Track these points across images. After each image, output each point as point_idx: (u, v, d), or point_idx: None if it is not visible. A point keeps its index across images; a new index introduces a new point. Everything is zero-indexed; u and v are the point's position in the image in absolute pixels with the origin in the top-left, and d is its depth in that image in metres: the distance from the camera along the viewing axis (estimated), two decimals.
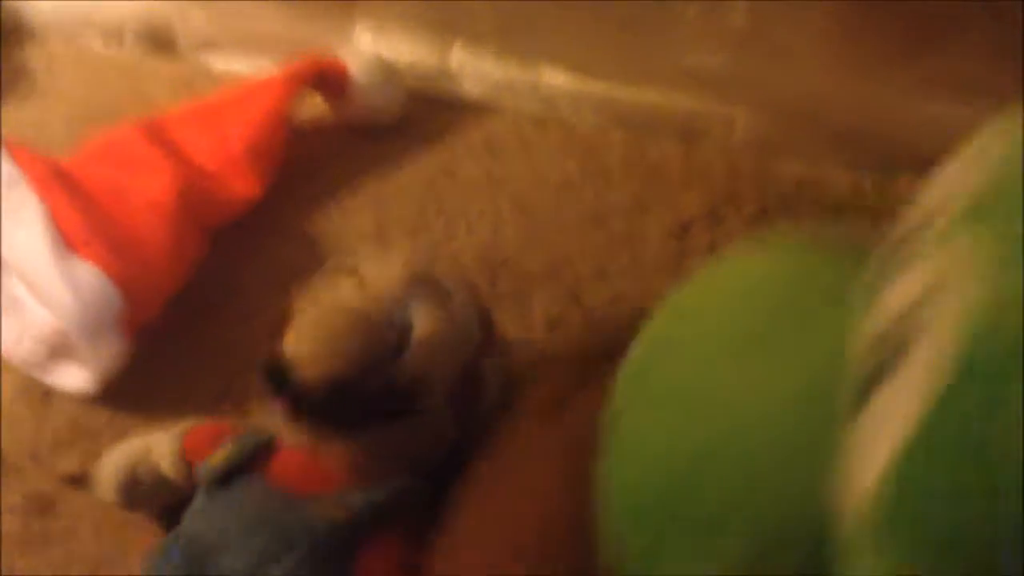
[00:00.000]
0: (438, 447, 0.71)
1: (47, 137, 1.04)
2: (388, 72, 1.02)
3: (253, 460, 0.70)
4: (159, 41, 1.14)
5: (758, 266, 0.62)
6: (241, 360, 0.87)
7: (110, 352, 0.83)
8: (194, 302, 0.91)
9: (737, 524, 0.51)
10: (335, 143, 1.03)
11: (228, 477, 0.70)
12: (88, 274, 0.83)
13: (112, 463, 0.76)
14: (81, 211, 0.87)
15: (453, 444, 0.71)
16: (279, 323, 0.71)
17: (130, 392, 0.86)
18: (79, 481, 0.80)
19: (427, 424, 0.69)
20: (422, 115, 1.05)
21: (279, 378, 0.68)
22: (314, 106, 1.04)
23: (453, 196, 0.99)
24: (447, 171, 1.01)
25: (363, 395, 0.67)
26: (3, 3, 1.17)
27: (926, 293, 0.44)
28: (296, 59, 1.02)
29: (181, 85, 1.10)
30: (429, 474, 0.70)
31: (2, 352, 0.87)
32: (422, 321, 0.69)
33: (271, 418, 0.72)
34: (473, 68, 1.05)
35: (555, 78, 1.03)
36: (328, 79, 1.01)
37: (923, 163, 0.94)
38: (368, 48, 1.06)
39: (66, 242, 0.85)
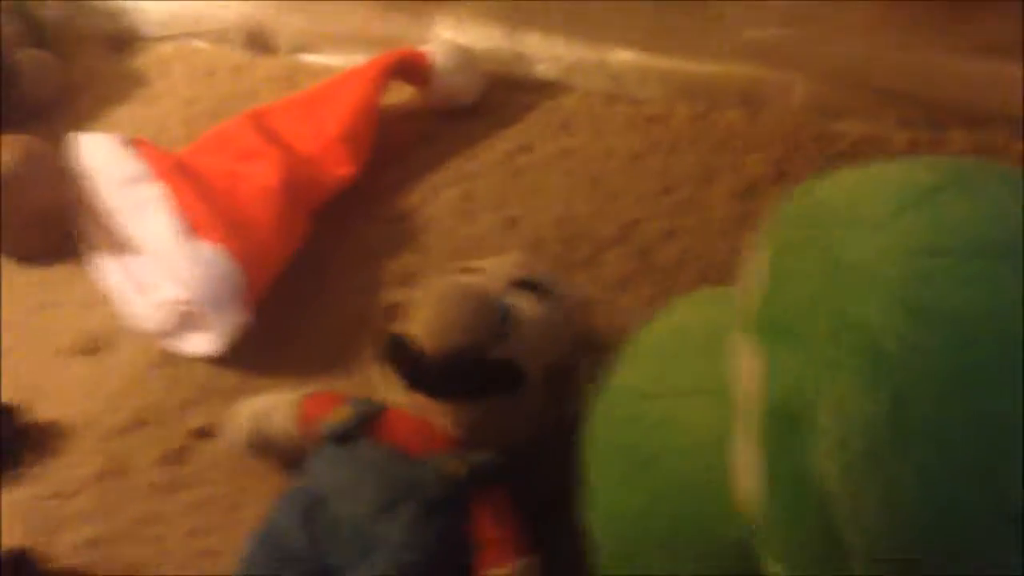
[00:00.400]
0: (532, 427, 0.78)
1: (165, 133, 1.16)
2: (466, 57, 1.11)
3: (368, 422, 0.78)
4: (260, 42, 1.25)
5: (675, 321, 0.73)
6: (348, 330, 0.97)
7: (233, 320, 0.93)
8: (304, 278, 1.00)
9: (682, 547, 0.63)
10: (421, 127, 1.13)
11: (345, 436, 0.78)
12: (211, 253, 0.93)
13: (240, 418, 0.87)
14: (201, 198, 0.98)
15: (545, 428, 0.78)
16: (396, 304, 0.81)
17: (252, 358, 0.95)
18: (207, 434, 0.91)
19: (524, 404, 0.76)
20: (500, 97, 1.13)
21: (401, 350, 0.77)
22: (402, 93, 1.14)
23: (531, 171, 1.07)
24: (525, 148, 1.09)
25: (473, 369, 0.75)
26: (117, 13, 1.29)
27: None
28: (383, 52, 1.12)
29: (282, 80, 1.21)
30: (519, 453, 0.77)
31: (138, 325, 0.98)
32: (525, 309, 0.78)
33: (379, 383, 0.81)
34: (545, 51, 1.13)
35: (621, 57, 1.10)
36: (412, 67, 1.11)
37: (972, 118, 1.00)
38: (445, 36, 1.16)
39: (190, 226, 0.96)
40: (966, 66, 0.97)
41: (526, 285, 0.80)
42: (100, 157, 1.02)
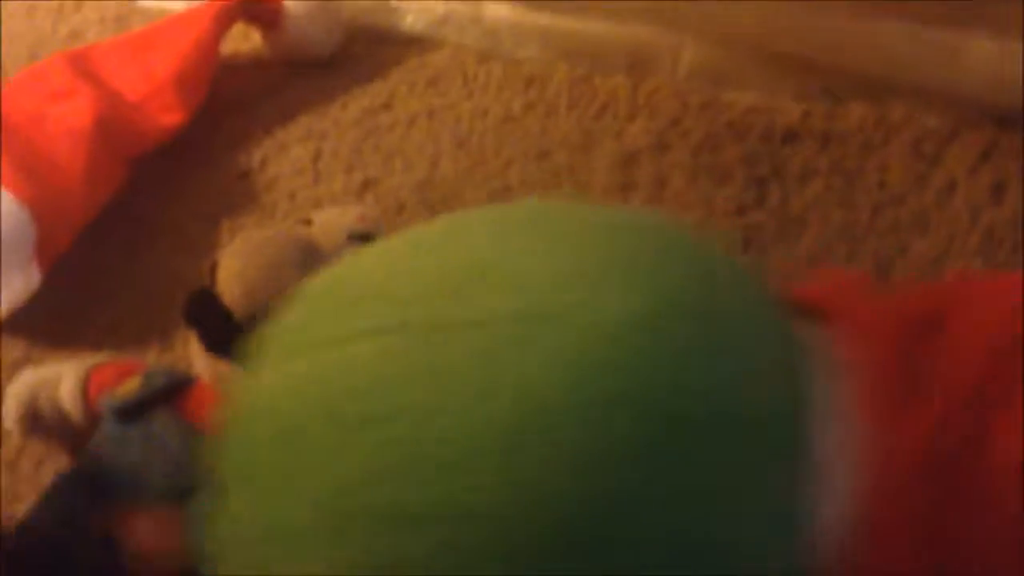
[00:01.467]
0: None
1: None
2: (324, 3, 0.99)
3: (165, 395, 0.66)
4: None
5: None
6: (170, 295, 0.83)
7: (23, 280, 0.79)
8: (123, 234, 0.87)
9: None
10: (270, 78, 1.00)
11: (138, 410, 0.66)
12: (2, 202, 0.79)
13: (14, 392, 0.72)
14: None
15: None
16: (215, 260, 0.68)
17: (50, 326, 0.82)
18: None
19: None
20: (361, 50, 1.02)
21: (204, 308, 0.65)
22: (249, 40, 1.01)
23: (392, 132, 0.95)
24: (386, 106, 0.97)
25: None
26: None
27: None
28: None
29: (112, 22, 1.07)
30: None
31: None
32: None
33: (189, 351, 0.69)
34: (414, 1, 1.02)
35: (499, 11, 0.99)
36: (261, 9, 0.98)
37: (871, 89, 0.93)
38: None
39: None
40: (866, 34, 0.90)
41: (368, 239, 0.68)
42: None
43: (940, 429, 0.44)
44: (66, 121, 0.86)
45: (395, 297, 0.44)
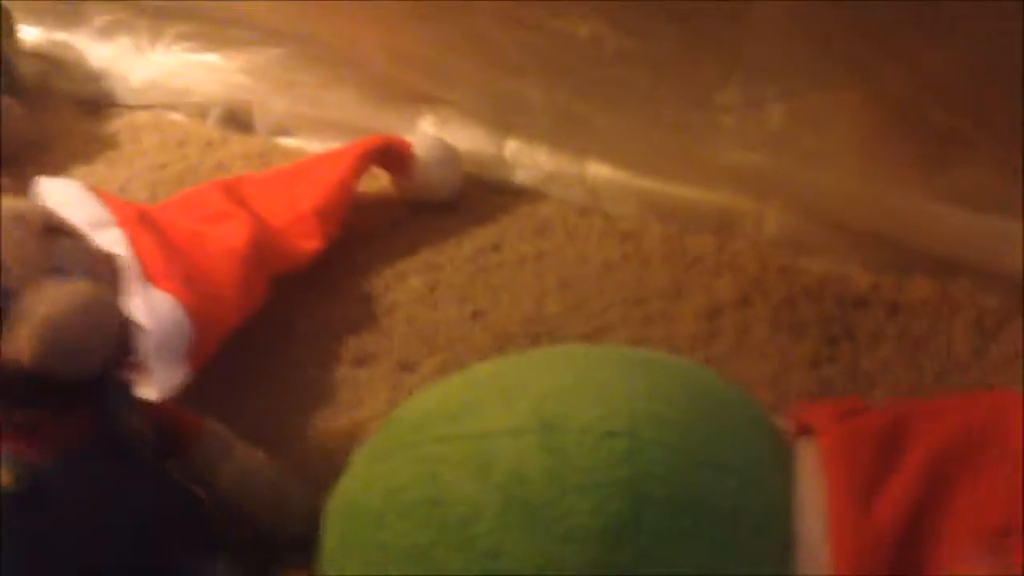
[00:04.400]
0: None
1: (128, 195, 1.13)
2: (449, 153, 1.12)
3: None
4: (238, 120, 1.24)
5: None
6: (292, 400, 0.93)
7: (175, 373, 0.89)
8: (252, 343, 0.97)
9: None
10: (394, 215, 1.12)
11: None
12: (164, 302, 0.90)
13: None
14: (161, 248, 0.95)
15: None
16: None
17: None
18: None
19: None
20: (477, 197, 1.13)
21: None
22: (379, 181, 1.13)
23: (501, 270, 1.06)
24: (496, 247, 1.08)
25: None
26: (95, 76, 1.28)
27: None
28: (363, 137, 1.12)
29: (255, 159, 1.20)
30: None
31: None
32: None
33: None
34: (526, 158, 1.14)
35: (600, 171, 1.12)
36: (393, 156, 1.11)
37: (937, 266, 1.02)
38: (430, 130, 1.16)
39: (146, 274, 0.93)
40: (935, 214, 1.00)
41: None
42: (63, 200, 0.99)
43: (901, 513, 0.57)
44: (224, 241, 0.98)
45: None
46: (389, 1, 1.12)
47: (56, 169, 1.17)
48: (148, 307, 0.90)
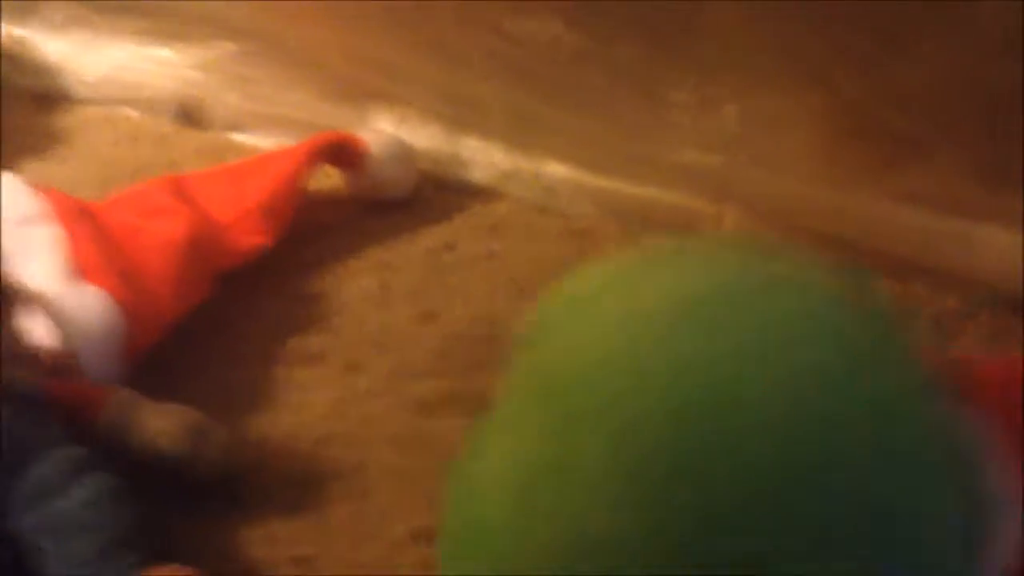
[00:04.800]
0: None
1: (78, 192, 1.08)
2: (403, 150, 1.09)
3: None
4: (192, 116, 1.22)
5: None
6: (228, 401, 0.91)
7: (109, 369, 0.87)
8: (194, 341, 0.95)
9: None
10: (345, 213, 1.10)
11: None
12: (95, 297, 0.88)
13: None
14: (96, 243, 0.93)
15: None
16: None
17: None
18: None
19: None
20: (431, 195, 1.11)
21: None
22: (331, 179, 1.11)
23: (454, 269, 1.04)
24: (449, 246, 1.06)
25: None
26: (49, 71, 1.26)
27: None
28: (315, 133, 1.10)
29: (208, 154, 1.18)
30: None
31: None
32: None
33: None
34: (482, 156, 1.12)
35: (557, 170, 1.09)
36: (346, 152, 1.08)
37: (896, 267, 1.00)
38: (383, 127, 1.14)
39: (78, 269, 0.90)
40: (897, 216, 0.98)
41: None
42: (3, 195, 0.97)
43: None
44: (162, 235, 0.96)
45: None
46: (345, 0, 1.11)
47: (6, 164, 1.14)
48: (79, 301, 0.88)
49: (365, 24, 1.12)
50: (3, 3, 1.27)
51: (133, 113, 1.23)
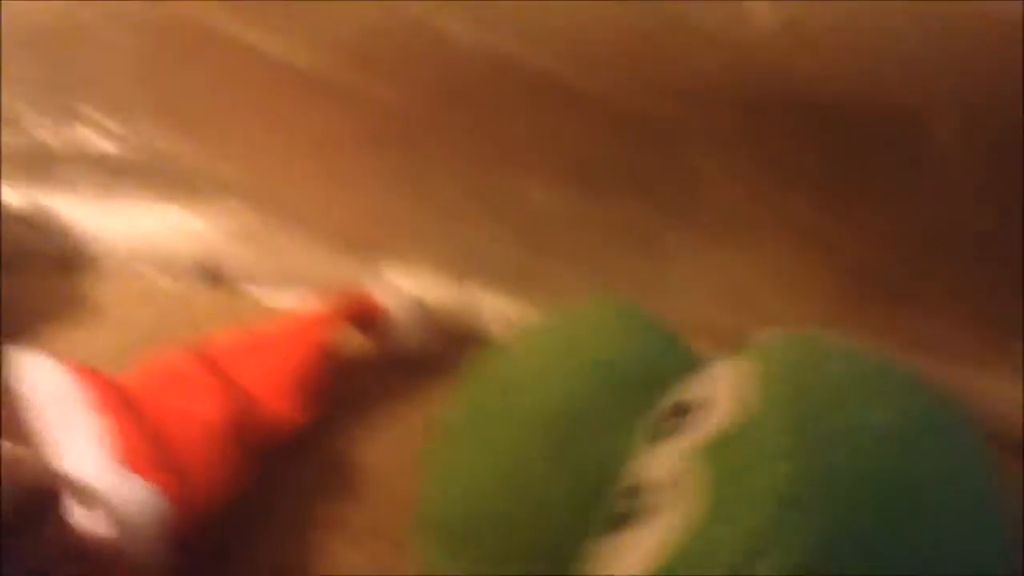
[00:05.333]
0: None
1: (99, 356, 1.11)
2: (419, 309, 1.14)
3: None
4: (206, 272, 1.26)
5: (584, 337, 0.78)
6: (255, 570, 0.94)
7: (155, 562, 0.89)
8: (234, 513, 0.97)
9: None
10: (367, 371, 1.14)
11: None
12: (141, 489, 0.90)
13: None
14: (135, 427, 0.96)
15: None
16: None
17: None
18: None
19: None
20: (449, 350, 1.15)
21: None
22: (350, 338, 1.15)
23: None
24: None
25: None
26: (66, 232, 1.30)
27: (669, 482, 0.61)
28: (333, 294, 1.14)
29: (225, 312, 1.21)
30: None
31: None
32: None
33: None
34: (492, 307, 1.16)
35: None
36: (363, 314, 1.12)
37: None
38: (397, 284, 1.18)
39: (122, 458, 0.93)
40: None
41: None
42: (40, 380, 1.00)
43: None
44: (200, 415, 0.99)
45: None
46: (345, 157, 1.15)
47: (22, 329, 1.18)
48: (125, 493, 0.91)
49: (375, 183, 1.17)
50: (19, 165, 1.31)
51: (147, 270, 1.27)
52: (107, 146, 1.24)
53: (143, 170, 1.25)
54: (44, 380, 1.01)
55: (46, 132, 1.25)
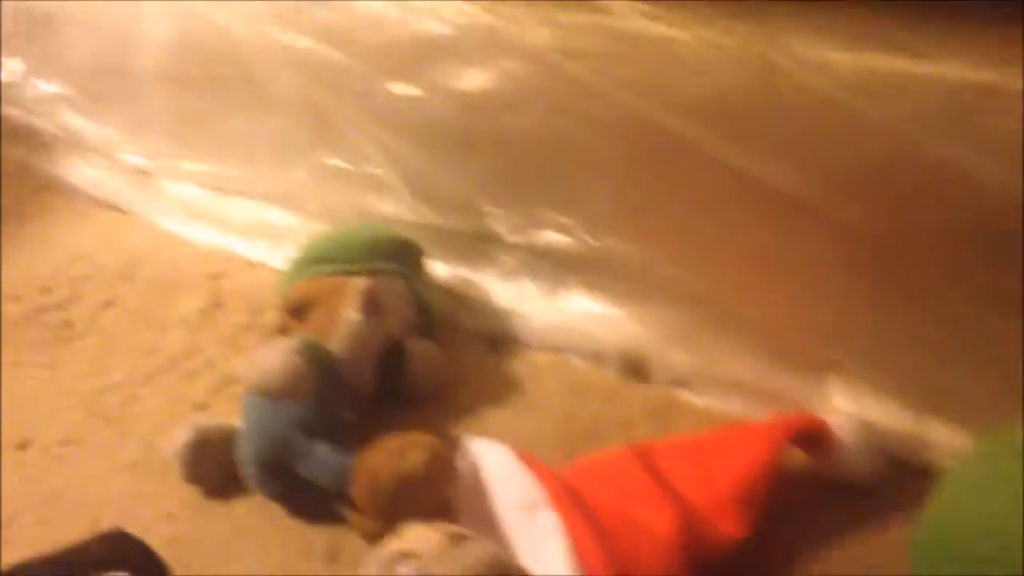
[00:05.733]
0: None
1: (540, 447, 1.15)
2: (871, 436, 1.08)
3: None
4: (635, 369, 1.27)
5: None
6: None
7: None
8: None
9: None
10: (811, 496, 1.09)
11: None
12: None
13: None
14: (594, 536, 0.96)
15: None
16: None
17: None
18: None
19: None
20: (896, 479, 1.09)
21: None
22: (792, 456, 1.11)
23: None
24: None
25: None
26: (499, 316, 1.36)
27: None
28: (782, 409, 1.11)
29: (658, 413, 1.22)
30: None
31: None
32: None
33: None
34: (946, 440, 1.09)
35: None
36: (812, 436, 1.08)
37: None
38: (840, 406, 1.14)
39: (580, 563, 0.94)
40: None
41: None
42: (497, 471, 1.04)
43: None
44: (651, 525, 0.98)
45: None
46: (805, 276, 1.12)
47: (465, 411, 1.24)
48: None
49: (833, 305, 1.13)
50: (458, 246, 1.39)
51: (579, 362, 1.30)
52: (557, 238, 1.28)
53: (587, 265, 1.29)
54: (499, 469, 1.05)
55: (497, 221, 1.32)
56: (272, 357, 1.15)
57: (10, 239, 1.52)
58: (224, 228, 1.52)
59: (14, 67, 1.53)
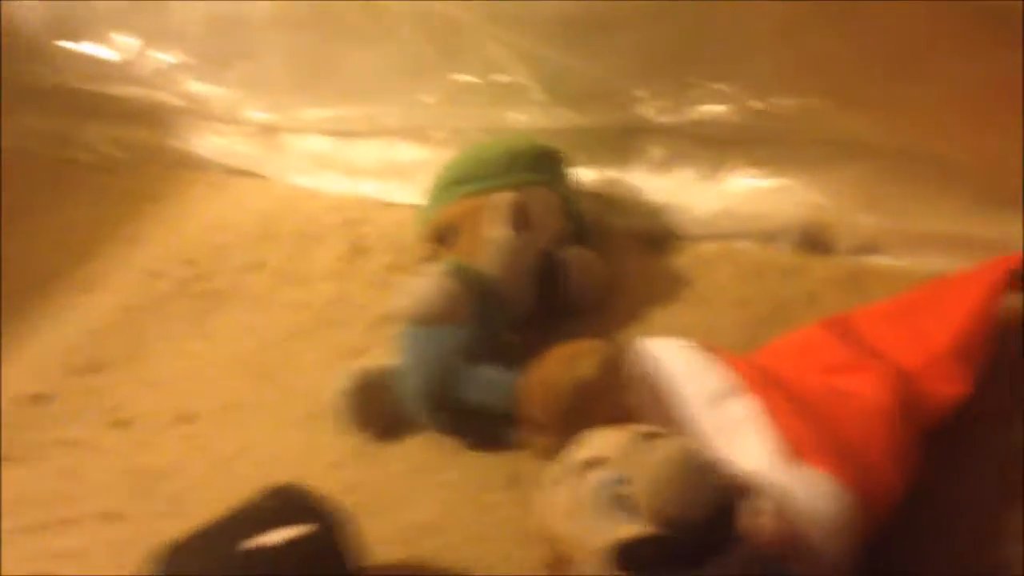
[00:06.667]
0: None
1: (719, 338, 1.04)
2: None
3: None
4: (816, 242, 1.15)
5: None
6: None
7: (843, 561, 0.79)
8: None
9: None
10: None
11: None
12: (822, 482, 0.81)
13: None
14: (799, 416, 0.87)
15: None
16: None
17: None
18: None
19: None
20: None
21: None
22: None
23: None
24: None
25: None
26: (655, 212, 1.25)
27: None
28: (987, 257, 0.98)
29: (844, 283, 1.10)
30: None
31: None
32: None
33: None
34: None
35: None
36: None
37: None
38: None
39: (792, 449, 0.84)
40: None
41: None
42: (679, 367, 0.95)
43: None
44: (861, 397, 0.87)
45: None
46: (999, 85, 0.98)
47: (632, 316, 1.14)
48: (805, 487, 0.82)
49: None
50: (602, 146, 1.29)
51: (750, 246, 1.18)
52: (713, 109, 1.16)
53: (750, 136, 1.17)
54: (681, 365, 0.96)
55: (644, 105, 1.21)
56: (424, 284, 1.08)
57: (150, 219, 1.50)
58: (354, 174, 1.46)
59: (128, 44, 1.51)
